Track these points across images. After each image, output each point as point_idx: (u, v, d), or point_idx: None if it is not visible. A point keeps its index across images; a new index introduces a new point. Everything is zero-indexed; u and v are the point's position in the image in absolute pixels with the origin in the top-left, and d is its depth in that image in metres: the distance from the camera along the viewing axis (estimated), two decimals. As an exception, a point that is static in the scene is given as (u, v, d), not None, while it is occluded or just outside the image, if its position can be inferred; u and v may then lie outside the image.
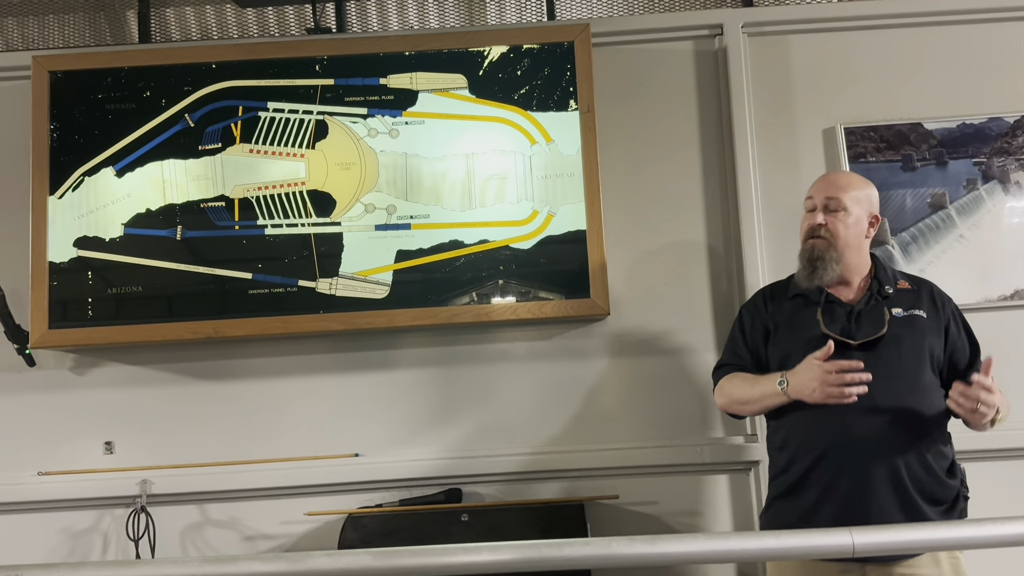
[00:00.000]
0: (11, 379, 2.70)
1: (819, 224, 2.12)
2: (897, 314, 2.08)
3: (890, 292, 2.12)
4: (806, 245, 2.14)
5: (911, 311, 2.09)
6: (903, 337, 2.05)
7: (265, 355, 2.70)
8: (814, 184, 2.22)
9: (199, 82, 2.68)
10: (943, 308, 2.13)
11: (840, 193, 2.14)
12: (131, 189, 2.65)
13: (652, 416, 2.66)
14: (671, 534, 1.59)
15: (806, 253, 2.13)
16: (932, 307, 2.12)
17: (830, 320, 2.09)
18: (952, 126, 2.75)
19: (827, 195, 2.14)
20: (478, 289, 2.61)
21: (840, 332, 2.06)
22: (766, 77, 2.79)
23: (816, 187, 2.19)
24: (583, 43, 2.67)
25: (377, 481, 2.62)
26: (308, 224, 2.64)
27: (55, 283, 2.61)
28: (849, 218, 2.13)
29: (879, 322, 2.06)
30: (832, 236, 2.11)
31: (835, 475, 1.99)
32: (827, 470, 2.00)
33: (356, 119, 2.67)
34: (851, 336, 2.05)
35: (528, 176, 2.64)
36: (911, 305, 2.10)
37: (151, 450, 2.67)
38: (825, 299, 2.12)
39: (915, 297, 2.13)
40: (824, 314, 2.10)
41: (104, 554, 2.65)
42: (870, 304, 2.11)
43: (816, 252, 2.11)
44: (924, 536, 1.38)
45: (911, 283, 2.17)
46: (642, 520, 2.60)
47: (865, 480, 1.97)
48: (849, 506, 1.97)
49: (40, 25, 3.05)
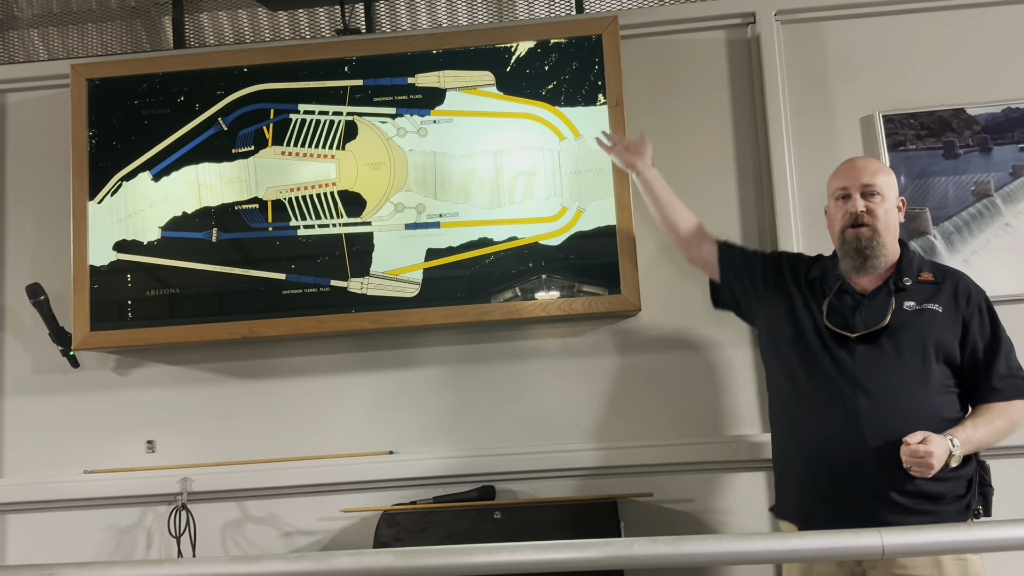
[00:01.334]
0: (57, 380, 2.78)
1: (862, 211, 2.07)
2: (908, 307, 2.03)
3: (908, 284, 2.06)
4: (848, 236, 2.09)
5: (924, 305, 2.04)
6: (907, 331, 2.00)
7: (300, 354, 2.73)
8: (840, 172, 2.17)
9: (231, 86, 2.72)
10: (967, 302, 2.05)
11: (874, 178, 2.11)
12: (167, 193, 2.70)
13: (686, 412, 2.63)
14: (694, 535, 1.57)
15: (852, 243, 2.08)
16: (952, 301, 2.05)
17: (835, 310, 2.06)
18: (996, 111, 2.66)
19: (863, 181, 2.10)
20: (508, 286, 2.61)
21: (842, 322, 2.04)
22: (801, 65, 2.73)
23: (845, 176, 2.14)
24: (611, 36, 2.64)
25: (411, 478, 2.64)
26: (339, 224, 2.66)
27: (96, 286, 2.67)
28: (886, 203, 2.10)
29: (882, 314, 2.01)
30: (875, 221, 2.07)
31: (823, 465, 1.98)
32: (816, 460, 2.00)
33: (385, 119, 2.68)
34: (852, 327, 2.01)
35: (557, 172, 2.63)
36: (927, 299, 2.05)
37: (191, 448, 2.73)
38: (839, 288, 2.08)
39: (935, 290, 2.07)
40: (831, 304, 2.07)
41: (148, 551, 2.71)
42: (880, 295, 2.06)
43: (864, 241, 2.06)
44: (954, 537, 1.34)
45: (937, 275, 2.11)
46: (677, 518, 2.58)
47: (855, 472, 1.95)
48: (836, 497, 1.97)
49: (80, 34, 3.13)
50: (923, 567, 1.89)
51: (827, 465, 1.99)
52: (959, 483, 1.97)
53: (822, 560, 1.96)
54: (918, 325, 2.01)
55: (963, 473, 1.97)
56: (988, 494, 2.01)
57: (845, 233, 2.10)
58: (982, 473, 2.02)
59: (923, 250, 2.59)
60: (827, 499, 1.99)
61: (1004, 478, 2.13)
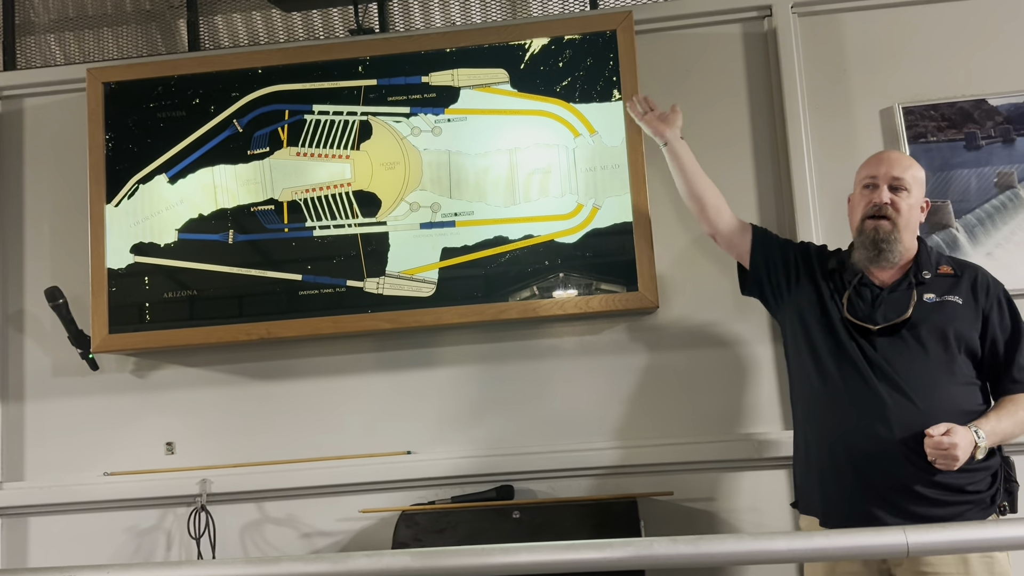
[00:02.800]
0: (76, 383, 2.79)
1: (886, 202, 2.05)
2: (929, 299, 2.02)
3: (927, 277, 2.06)
4: (867, 226, 2.08)
5: (944, 297, 2.03)
6: (928, 323, 1.99)
7: (317, 355, 2.73)
8: (871, 162, 2.15)
9: (246, 87, 2.72)
10: (986, 295, 2.04)
11: (904, 173, 2.10)
12: (184, 195, 2.71)
13: (706, 410, 2.60)
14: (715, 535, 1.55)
15: (870, 235, 2.07)
16: (971, 294, 2.04)
17: (855, 303, 2.06)
18: (1019, 101, 2.61)
19: (892, 174, 2.09)
20: (524, 285, 2.59)
21: (863, 315, 2.03)
22: (818, 58, 2.69)
23: (876, 165, 2.13)
24: (626, 31, 2.62)
25: (430, 478, 2.63)
26: (355, 224, 2.65)
27: (114, 289, 2.69)
28: (911, 198, 2.10)
29: (904, 307, 2.00)
30: (897, 215, 2.05)
31: (847, 457, 1.97)
32: (841, 452, 1.99)
33: (399, 118, 2.67)
34: (873, 320, 1.99)
35: (572, 169, 2.61)
36: (947, 291, 2.04)
37: (210, 450, 2.73)
38: (859, 281, 2.06)
39: (954, 283, 2.06)
40: (851, 297, 2.07)
41: (168, 553, 2.72)
42: (900, 288, 2.05)
43: (881, 234, 2.05)
44: (980, 535, 1.31)
45: (955, 268, 2.10)
46: (698, 517, 2.55)
47: (879, 463, 1.93)
48: (860, 488, 1.95)
49: (96, 38, 3.15)
50: (950, 565, 1.87)
51: (851, 456, 1.97)
52: (983, 476, 1.95)
53: (847, 559, 1.93)
54: (939, 317, 2.00)
55: (987, 466, 1.96)
56: (1014, 490, 1.99)
57: (864, 223, 2.09)
58: (1007, 469, 1.99)
59: (945, 243, 2.55)
60: (850, 490, 1.97)
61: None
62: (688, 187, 2.34)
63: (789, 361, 2.22)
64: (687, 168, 2.34)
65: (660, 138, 2.39)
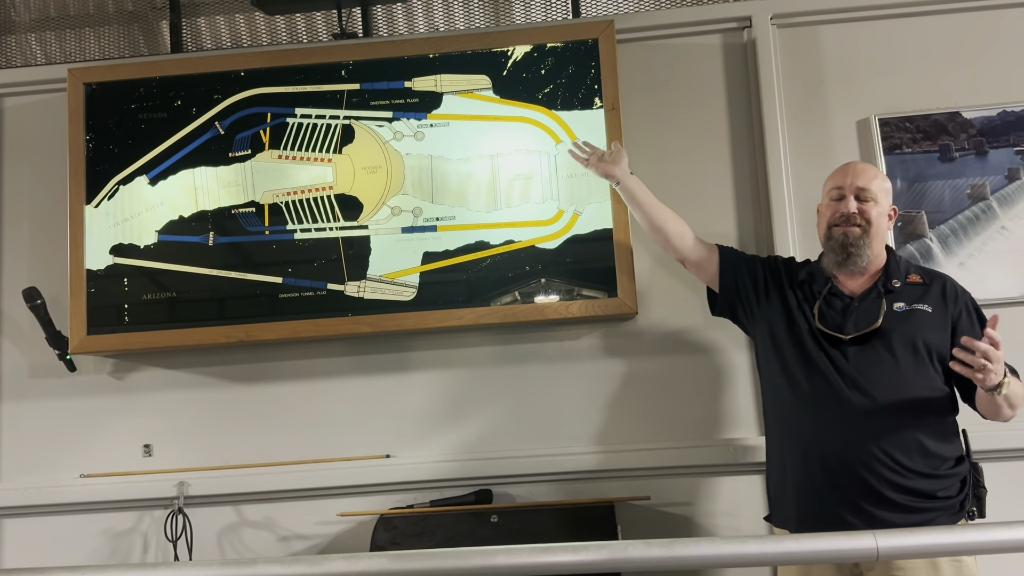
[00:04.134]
0: (53, 384, 2.78)
1: (853, 212, 2.09)
2: (898, 308, 2.06)
3: (896, 286, 2.09)
4: (835, 232, 2.12)
5: (914, 306, 2.06)
6: (898, 332, 2.02)
7: (296, 358, 2.73)
8: (837, 174, 2.19)
9: (228, 90, 2.72)
10: (954, 303, 2.08)
11: (870, 183, 2.14)
12: (164, 197, 2.70)
13: (683, 416, 2.63)
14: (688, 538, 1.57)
15: (839, 239, 2.11)
16: (941, 302, 2.08)
17: (825, 313, 2.09)
18: (992, 114, 2.66)
19: (858, 185, 2.13)
20: (505, 290, 2.61)
21: (834, 325, 2.06)
22: (797, 69, 2.73)
23: (842, 176, 2.17)
24: (607, 40, 2.65)
25: (408, 482, 2.63)
26: (336, 228, 2.66)
27: (93, 290, 2.67)
28: (879, 207, 2.13)
29: (874, 316, 2.03)
30: (868, 224, 2.09)
31: (821, 466, 2.00)
32: (814, 461, 2.01)
33: (382, 123, 2.68)
34: (844, 330, 2.02)
35: (553, 175, 2.63)
36: (916, 300, 2.07)
37: (188, 452, 2.72)
38: (828, 291, 2.09)
39: (923, 292, 2.09)
40: (822, 307, 2.09)
41: (144, 555, 2.71)
42: (870, 297, 2.09)
43: (851, 238, 2.09)
44: (949, 540, 1.33)
45: (924, 277, 2.14)
46: (674, 521, 2.57)
47: (851, 473, 1.96)
48: (832, 496, 1.98)
49: (77, 38, 3.13)
50: (920, 569, 1.90)
51: (824, 464, 2.00)
52: (952, 482, 1.98)
53: (817, 563, 1.95)
54: (909, 325, 2.03)
55: (956, 472, 1.99)
56: (982, 495, 2.02)
57: (832, 229, 2.13)
58: (975, 475, 2.03)
59: (919, 253, 2.59)
60: (823, 497, 1.99)
61: (996, 481, 2.14)
62: (648, 220, 2.36)
63: (761, 374, 2.25)
64: (643, 201, 2.36)
65: (609, 178, 2.42)
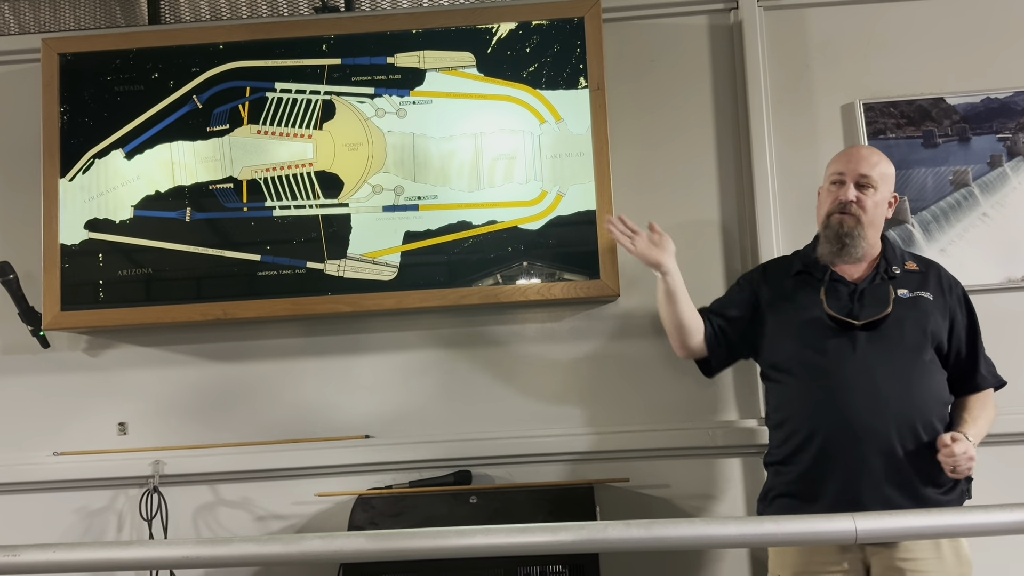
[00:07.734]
0: (26, 361, 2.73)
1: (851, 200, 2.08)
2: (903, 295, 2.06)
3: (897, 272, 2.09)
4: (833, 220, 2.10)
5: (917, 292, 2.06)
6: (907, 318, 2.02)
7: (275, 337, 2.70)
8: (840, 158, 2.18)
9: (207, 63, 2.67)
10: (950, 292, 2.10)
11: (872, 170, 2.12)
12: (140, 171, 2.65)
13: (664, 399, 2.62)
14: (668, 519, 1.56)
15: (834, 229, 2.09)
16: (939, 290, 2.08)
17: (833, 299, 2.06)
18: (976, 101, 2.66)
19: (860, 171, 2.11)
20: (487, 270, 2.58)
21: (843, 311, 2.04)
22: (782, 52, 2.72)
23: (844, 162, 2.15)
24: (593, 18, 2.62)
25: (387, 463, 2.62)
26: (316, 205, 2.62)
27: (67, 265, 2.62)
28: (877, 196, 2.12)
29: (883, 302, 2.03)
30: (862, 212, 2.08)
31: (831, 454, 1.98)
32: (823, 449, 1.99)
33: (363, 99, 2.64)
34: (855, 316, 2.01)
35: (537, 156, 2.60)
36: (918, 286, 2.08)
37: (164, 431, 2.69)
38: (830, 278, 2.09)
39: (922, 279, 2.10)
40: (828, 293, 2.07)
41: (119, 534, 2.68)
42: (875, 283, 2.08)
43: (845, 228, 2.08)
44: (928, 522, 1.34)
45: (919, 264, 2.14)
46: (653, 503, 2.58)
47: (861, 459, 1.95)
48: (844, 485, 1.96)
49: (52, 7, 3.06)
50: (924, 550, 1.90)
51: (841, 451, 1.96)
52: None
53: (795, 544, 1.96)
54: (915, 312, 2.04)
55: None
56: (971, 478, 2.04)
57: (831, 217, 2.12)
58: None
59: (901, 239, 2.60)
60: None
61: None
62: (676, 317, 2.18)
63: (768, 379, 2.18)
64: (682, 299, 2.18)
65: (657, 268, 2.17)
